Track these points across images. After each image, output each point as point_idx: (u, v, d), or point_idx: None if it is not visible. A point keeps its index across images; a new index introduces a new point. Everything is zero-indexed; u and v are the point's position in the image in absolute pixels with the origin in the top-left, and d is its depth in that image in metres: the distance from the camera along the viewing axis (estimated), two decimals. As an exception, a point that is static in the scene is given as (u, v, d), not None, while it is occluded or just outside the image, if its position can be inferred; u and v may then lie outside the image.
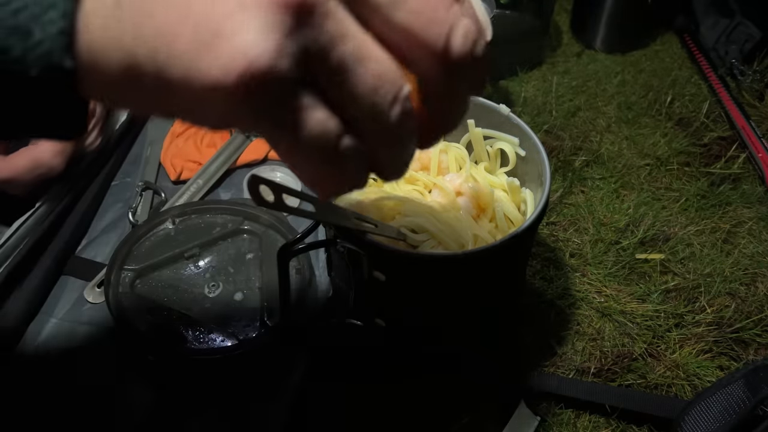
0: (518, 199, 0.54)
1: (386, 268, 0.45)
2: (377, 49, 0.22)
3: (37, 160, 0.58)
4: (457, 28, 0.23)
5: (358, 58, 0.21)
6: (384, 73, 0.22)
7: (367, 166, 0.25)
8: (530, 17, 0.86)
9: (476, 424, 0.53)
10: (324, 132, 0.22)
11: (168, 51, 0.19)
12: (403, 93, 0.23)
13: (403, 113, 0.23)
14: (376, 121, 0.23)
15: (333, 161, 0.23)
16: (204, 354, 0.52)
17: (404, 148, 0.26)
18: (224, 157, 0.71)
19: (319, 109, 0.22)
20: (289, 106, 0.21)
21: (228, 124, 0.21)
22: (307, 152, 0.22)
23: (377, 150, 0.24)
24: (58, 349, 0.56)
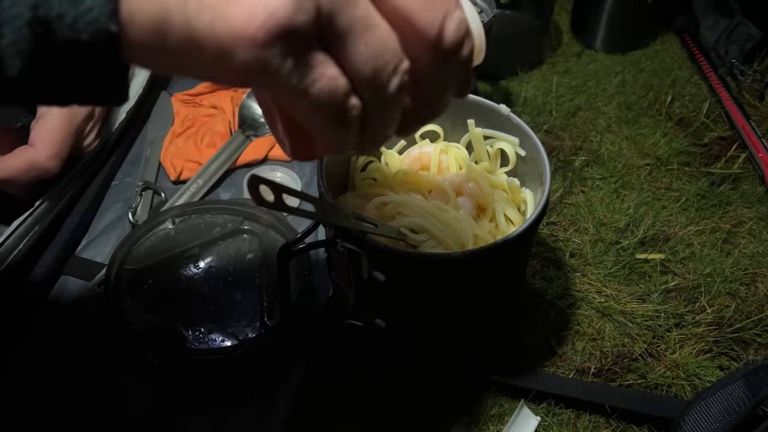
0: (518, 199, 0.54)
1: (386, 268, 0.45)
2: (382, 21, 0.24)
3: (33, 161, 0.58)
4: (452, 16, 0.25)
5: (366, 24, 0.23)
6: (387, 43, 0.24)
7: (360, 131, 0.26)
8: (530, 17, 0.86)
9: (476, 424, 0.53)
10: (335, 88, 0.24)
11: (197, 2, 0.21)
12: (402, 66, 0.25)
13: (401, 85, 0.25)
14: (375, 88, 0.25)
15: (338, 119, 0.25)
16: (204, 354, 0.52)
17: (392, 121, 0.27)
18: (224, 157, 0.71)
19: (331, 66, 0.23)
20: (303, 59, 0.23)
21: (246, 77, 0.23)
22: (316, 107, 0.24)
23: (368, 118, 0.26)
24: (58, 349, 0.56)
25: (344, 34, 0.23)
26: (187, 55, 0.22)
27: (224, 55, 0.22)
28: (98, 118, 0.67)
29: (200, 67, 0.23)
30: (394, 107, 0.26)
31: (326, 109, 0.24)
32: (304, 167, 0.73)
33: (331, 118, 0.25)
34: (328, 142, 0.27)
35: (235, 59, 0.22)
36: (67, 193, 0.63)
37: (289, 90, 0.23)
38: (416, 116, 0.28)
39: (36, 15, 0.20)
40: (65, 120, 0.60)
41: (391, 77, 0.25)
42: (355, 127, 0.26)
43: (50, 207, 0.61)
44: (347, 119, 0.25)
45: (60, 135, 0.59)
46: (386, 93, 0.25)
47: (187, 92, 0.80)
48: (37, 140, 0.59)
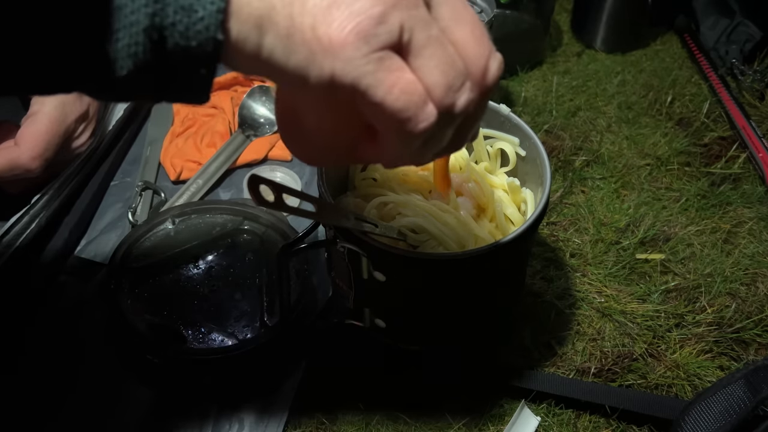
0: (518, 199, 0.54)
1: (386, 268, 0.45)
2: (450, 45, 0.27)
3: (14, 161, 0.58)
4: (495, 55, 0.28)
5: (440, 42, 0.26)
6: (456, 62, 0.27)
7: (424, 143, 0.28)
8: (530, 17, 0.86)
9: (476, 424, 0.53)
10: (413, 92, 0.26)
11: (302, 4, 0.24)
12: (468, 84, 0.27)
13: (468, 103, 0.27)
14: (446, 100, 0.26)
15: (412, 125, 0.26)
16: (204, 354, 0.52)
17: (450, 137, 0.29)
18: (224, 157, 0.71)
19: (409, 72, 0.26)
20: (385, 64, 0.25)
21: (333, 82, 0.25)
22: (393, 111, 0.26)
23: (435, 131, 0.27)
24: (58, 349, 0.56)
25: (422, 48, 0.26)
26: (282, 55, 0.24)
27: (317, 57, 0.24)
28: (92, 118, 0.66)
29: (289, 69, 0.25)
30: (457, 123, 0.28)
31: (403, 111, 0.26)
32: (304, 167, 0.73)
33: (406, 121, 0.26)
34: (394, 149, 0.29)
35: (326, 62, 0.24)
36: (64, 190, 0.63)
37: (370, 93, 0.25)
38: (454, 142, 0.30)
39: (153, 23, 0.23)
40: (54, 121, 0.60)
41: (461, 92, 0.27)
42: (419, 139, 0.27)
43: (47, 204, 0.61)
44: (421, 127, 0.26)
45: (46, 136, 0.59)
46: (455, 107, 0.27)
47: (187, 92, 0.80)
48: (22, 140, 0.58)
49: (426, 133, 0.27)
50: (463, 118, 0.28)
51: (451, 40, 0.27)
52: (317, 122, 0.29)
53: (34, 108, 0.60)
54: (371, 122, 0.27)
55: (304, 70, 0.25)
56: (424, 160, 0.31)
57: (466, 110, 0.28)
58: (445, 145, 0.30)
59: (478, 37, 0.27)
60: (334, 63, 0.24)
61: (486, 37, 0.28)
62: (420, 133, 0.27)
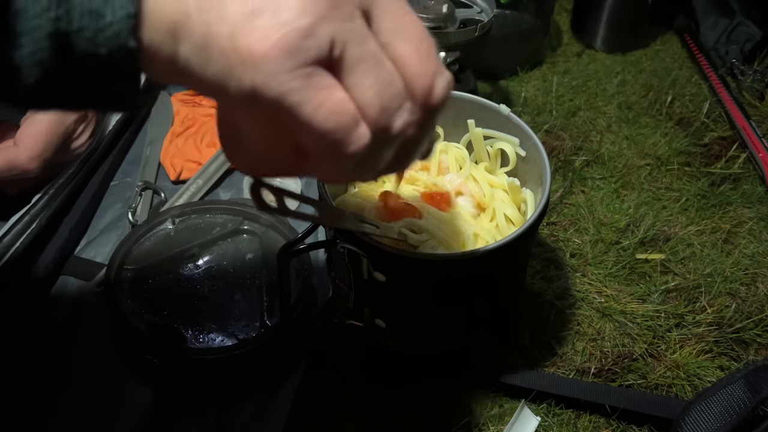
0: (518, 199, 0.54)
1: (386, 268, 0.45)
2: (389, 62, 0.25)
3: (13, 161, 0.58)
4: (442, 74, 0.26)
5: (376, 59, 0.24)
6: (395, 81, 0.25)
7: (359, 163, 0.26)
8: (530, 17, 0.86)
9: (476, 424, 0.53)
10: (343, 111, 0.24)
11: (219, 11, 0.22)
12: (407, 105, 0.25)
13: (406, 124, 0.26)
14: (382, 122, 0.25)
15: (343, 145, 0.25)
16: (204, 354, 0.52)
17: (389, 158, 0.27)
18: (224, 157, 0.71)
19: (340, 90, 0.24)
20: (313, 81, 0.23)
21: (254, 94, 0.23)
22: (322, 131, 0.24)
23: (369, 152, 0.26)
24: (58, 349, 0.56)
25: (356, 64, 0.24)
26: (198, 65, 0.23)
27: (236, 69, 0.22)
28: (91, 119, 0.66)
29: (208, 80, 0.23)
30: (395, 145, 0.26)
31: (333, 133, 0.24)
32: (304, 167, 0.73)
33: (333, 147, 0.25)
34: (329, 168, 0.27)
35: (246, 75, 0.22)
36: (64, 190, 0.63)
37: (296, 111, 0.23)
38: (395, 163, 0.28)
39: (57, 28, 0.21)
40: (53, 122, 0.60)
41: (398, 113, 0.25)
42: (352, 161, 0.25)
43: (47, 204, 0.61)
44: (352, 149, 0.25)
45: (45, 137, 0.59)
46: (392, 129, 0.25)
47: (186, 92, 0.80)
48: (21, 140, 0.58)
49: (358, 155, 0.25)
50: (402, 139, 0.26)
51: (391, 57, 0.25)
52: (251, 135, 0.27)
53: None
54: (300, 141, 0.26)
55: (223, 82, 0.23)
56: (364, 179, 0.29)
57: (404, 132, 0.26)
58: (385, 166, 0.28)
59: (423, 54, 0.26)
60: (255, 76, 0.22)
61: (433, 54, 0.26)
62: (351, 155, 0.25)
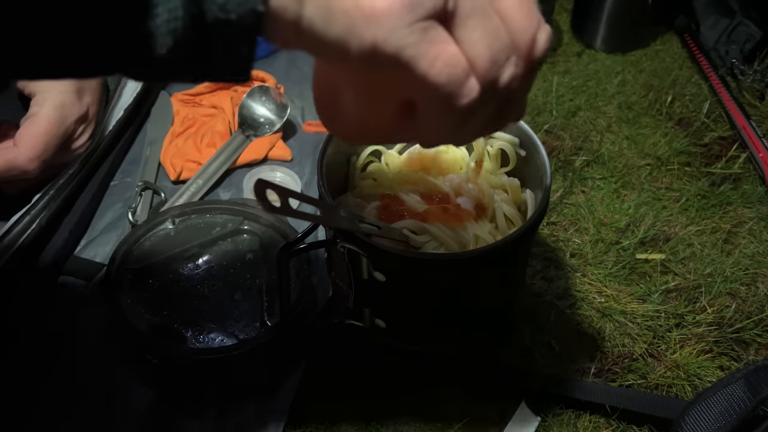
0: (518, 199, 0.54)
1: (386, 268, 0.45)
2: (496, 16, 0.26)
3: (12, 161, 0.57)
4: (544, 28, 0.27)
5: (486, 12, 0.25)
6: (502, 34, 0.26)
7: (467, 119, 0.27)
8: (530, 17, 0.86)
9: (476, 424, 0.53)
10: (456, 65, 0.25)
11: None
12: (514, 58, 0.26)
13: (513, 77, 0.26)
14: (490, 73, 0.26)
15: (454, 99, 0.25)
16: (204, 354, 0.52)
17: (496, 113, 0.28)
18: (224, 157, 0.71)
19: (453, 44, 0.25)
20: (429, 35, 0.24)
21: (374, 53, 0.24)
22: (436, 85, 0.25)
23: (478, 106, 0.26)
24: (58, 349, 0.56)
25: (467, 17, 0.25)
26: (321, 25, 0.23)
27: (358, 27, 0.23)
28: (91, 120, 0.66)
29: (329, 40, 0.24)
30: (501, 99, 0.27)
31: (443, 89, 0.25)
32: (304, 167, 0.73)
33: (444, 101, 0.25)
34: (434, 125, 0.28)
35: (367, 32, 0.23)
36: (64, 190, 0.62)
37: (412, 65, 0.24)
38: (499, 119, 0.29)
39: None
40: (53, 123, 0.60)
41: (506, 65, 0.26)
42: (461, 116, 0.26)
43: (48, 204, 0.61)
44: (463, 102, 0.26)
45: (45, 138, 0.59)
46: (499, 82, 0.26)
47: (186, 92, 0.80)
48: (21, 141, 0.58)
49: (468, 108, 0.26)
50: (507, 93, 0.27)
51: (497, 11, 0.26)
52: (355, 98, 0.28)
53: (33, 109, 0.60)
54: (411, 96, 0.27)
55: (345, 41, 0.24)
56: (463, 139, 0.30)
57: (510, 85, 0.27)
58: (486, 123, 0.29)
59: (526, 9, 0.26)
60: (376, 32, 0.23)
61: (534, 9, 0.27)
62: (461, 109, 0.26)
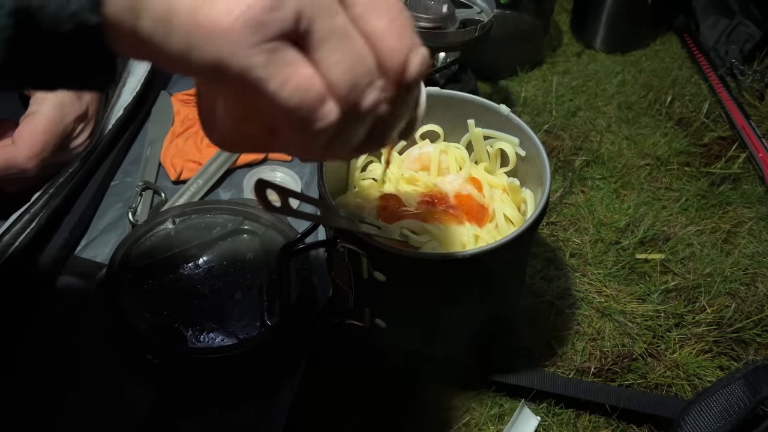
0: (518, 199, 0.54)
1: (386, 268, 0.45)
2: (360, 38, 0.24)
3: (10, 160, 0.57)
4: (417, 50, 0.26)
5: (345, 34, 0.24)
6: (365, 57, 0.24)
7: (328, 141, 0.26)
8: (530, 17, 0.86)
9: (476, 424, 0.53)
10: (308, 88, 0.23)
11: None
12: (378, 83, 0.25)
13: (376, 101, 0.25)
14: (351, 99, 0.24)
15: (309, 122, 0.24)
16: (204, 354, 0.51)
17: (359, 136, 0.27)
18: (224, 157, 0.71)
19: (306, 66, 0.23)
20: (278, 56, 0.22)
21: (217, 70, 0.22)
22: (287, 108, 0.24)
23: (339, 129, 0.25)
24: (58, 349, 0.56)
25: (323, 40, 0.23)
26: (160, 39, 0.22)
27: (199, 42, 0.22)
28: (91, 118, 0.66)
29: (171, 54, 0.23)
30: (366, 122, 0.26)
31: (297, 111, 0.24)
32: (304, 167, 0.73)
33: (301, 123, 0.24)
34: (297, 144, 0.26)
35: (208, 49, 0.22)
36: (64, 190, 0.62)
37: (261, 87, 0.23)
38: (369, 141, 0.28)
39: (18, 5, 0.21)
40: (52, 121, 0.59)
41: (368, 90, 0.25)
42: (322, 137, 0.25)
43: (47, 203, 0.61)
44: (317, 128, 0.24)
45: (44, 137, 0.59)
46: (362, 105, 0.25)
47: (187, 92, 0.80)
48: (20, 139, 0.58)
49: (326, 131, 0.25)
50: (374, 116, 0.26)
51: (363, 31, 0.24)
52: (225, 110, 0.27)
53: (32, 108, 0.60)
54: (269, 115, 0.25)
55: (186, 56, 0.22)
56: (338, 156, 0.28)
57: (375, 109, 0.25)
58: (359, 143, 0.27)
59: (398, 29, 0.25)
60: (218, 50, 0.22)
61: (408, 29, 0.25)
62: (319, 132, 0.25)
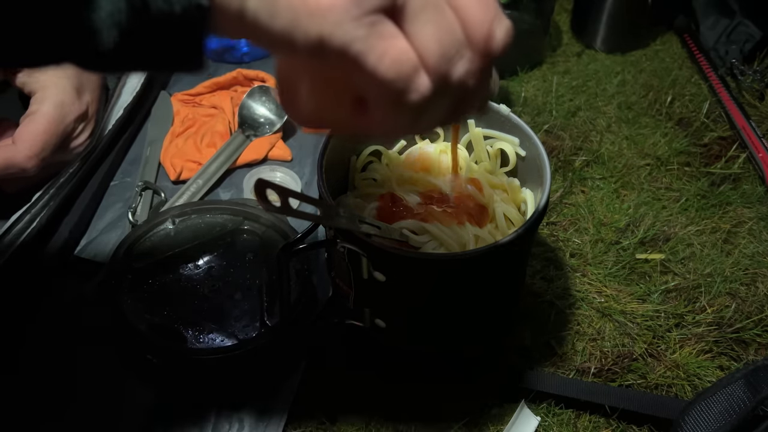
0: (518, 199, 0.54)
1: (386, 268, 0.45)
2: (450, 10, 0.25)
3: (10, 159, 0.57)
4: (501, 21, 0.26)
5: (437, 7, 0.25)
6: (455, 29, 0.25)
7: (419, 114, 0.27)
8: (530, 17, 0.86)
9: (476, 424, 0.53)
10: (405, 61, 0.24)
11: None
12: (467, 53, 0.26)
13: (466, 72, 0.26)
14: (442, 69, 0.25)
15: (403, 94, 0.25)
16: (204, 354, 0.52)
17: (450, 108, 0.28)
18: (224, 157, 0.71)
19: (402, 40, 0.24)
20: (377, 30, 0.23)
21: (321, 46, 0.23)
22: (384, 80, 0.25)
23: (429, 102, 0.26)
24: (58, 349, 0.56)
25: (417, 13, 0.24)
26: (266, 18, 0.23)
27: (303, 20, 0.23)
28: (91, 118, 0.66)
29: (275, 33, 0.23)
30: (456, 94, 0.27)
31: (392, 84, 0.25)
32: (304, 167, 0.73)
33: (394, 95, 0.25)
34: (386, 119, 0.27)
35: (312, 25, 0.23)
36: (64, 190, 0.62)
37: (360, 60, 0.24)
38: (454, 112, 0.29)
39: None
40: (52, 121, 0.59)
41: (458, 62, 0.26)
42: (412, 110, 0.26)
43: (48, 204, 0.61)
44: (409, 100, 0.25)
45: (44, 136, 0.59)
46: (452, 76, 0.26)
47: (187, 92, 0.80)
48: (20, 139, 0.58)
49: (419, 103, 0.26)
50: (462, 88, 0.27)
51: (451, 4, 0.25)
52: (311, 89, 0.28)
53: (32, 107, 0.60)
54: (362, 90, 0.26)
55: (290, 34, 0.23)
56: (420, 130, 0.30)
57: (464, 81, 0.26)
58: (443, 115, 0.28)
59: (484, 1, 0.26)
60: (322, 26, 0.23)
61: (492, 2, 0.26)
62: (412, 104, 0.25)
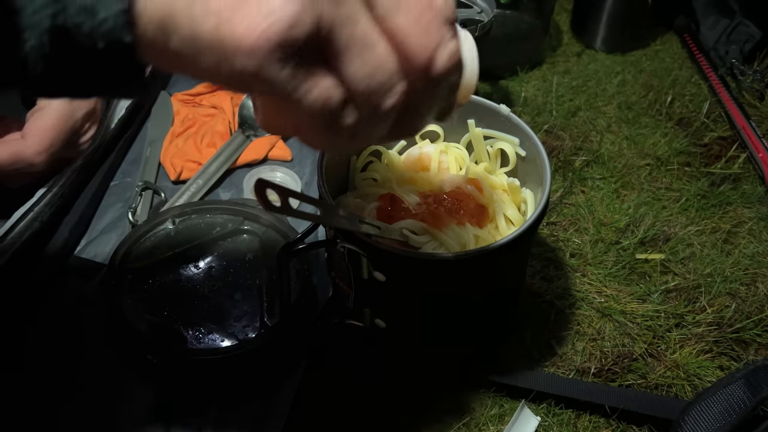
0: (518, 199, 0.54)
1: (386, 268, 0.45)
2: (382, 41, 0.25)
3: (18, 154, 0.57)
4: (445, 45, 0.26)
5: (365, 42, 0.24)
6: (385, 63, 0.25)
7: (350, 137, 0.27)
8: (530, 17, 0.86)
9: (476, 424, 0.53)
10: (329, 98, 0.25)
11: (204, 6, 0.22)
12: (398, 87, 0.26)
13: (395, 104, 0.26)
14: (370, 104, 0.25)
15: (329, 126, 0.26)
16: (204, 354, 0.51)
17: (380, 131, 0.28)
18: (224, 157, 0.71)
19: (327, 77, 0.24)
20: (300, 69, 0.24)
21: (244, 82, 0.24)
22: (309, 114, 0.25)
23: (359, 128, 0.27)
24: (58, 349, 0.56)
25: (343, 50, 0.24)
26: (190, 56, 0.23)
27: (225, 59, 0.23)
28: (98, 115, 0.66)
29: (202, 69, 0.24)
30: (388, 119, 0.27)
31: (319, 116, 0.25)
32: (304, 167, 0.73)
33: (323, 124, 0.26)
34: (318, 142, 0.28)
35: (235, 64, 0.23)
36: (64, 189, 0.62)
37: (284, 96, 0.24)
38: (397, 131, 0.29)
39: (55, 23, 0.22)
40: (61, 117, 0.59)
41: (387, 96, 0.26)
42: (345, 134, 0.27)
43: (50, 202, 0.61)
44: (339, 128, 0.26)
45: (53, 132, 0.59)
46: (383, 106, 0.26)
47: (187, 92, 0.80)
48: (29, 134, 0.58)
49: (347, 129, 0.26)
50: (399, 111, 0.27)
51: (388, 30, 0.25)
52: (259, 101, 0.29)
53: (42, 102, 0.60)
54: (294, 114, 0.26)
55: (216, 71, 0.24)
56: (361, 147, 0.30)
57: (398, 106, 0.26)
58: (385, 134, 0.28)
59: (423, 26, 0.25)
60: (245, 64, 0.23)
61: (434, 25, 0.25)
62: (340, 131, 0.26)
